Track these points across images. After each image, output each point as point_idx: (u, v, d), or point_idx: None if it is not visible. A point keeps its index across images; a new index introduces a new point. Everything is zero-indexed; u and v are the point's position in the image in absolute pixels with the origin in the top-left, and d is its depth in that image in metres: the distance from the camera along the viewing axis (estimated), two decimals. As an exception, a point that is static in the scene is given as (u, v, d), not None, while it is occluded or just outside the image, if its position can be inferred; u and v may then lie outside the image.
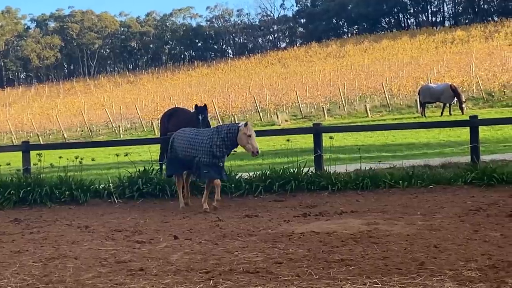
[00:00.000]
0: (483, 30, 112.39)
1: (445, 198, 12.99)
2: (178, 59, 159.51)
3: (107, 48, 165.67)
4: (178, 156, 13.65)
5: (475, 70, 58.68)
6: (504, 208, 11.41)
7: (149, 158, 18.02)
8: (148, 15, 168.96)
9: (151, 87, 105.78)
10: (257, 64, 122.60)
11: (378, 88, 56.42)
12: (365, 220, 10.86)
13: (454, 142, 23.66)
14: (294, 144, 19.30)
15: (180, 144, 13.61)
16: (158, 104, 68.42)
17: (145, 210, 13.82)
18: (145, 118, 60.08)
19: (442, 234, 9.45)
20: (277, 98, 60.36)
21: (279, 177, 15.07)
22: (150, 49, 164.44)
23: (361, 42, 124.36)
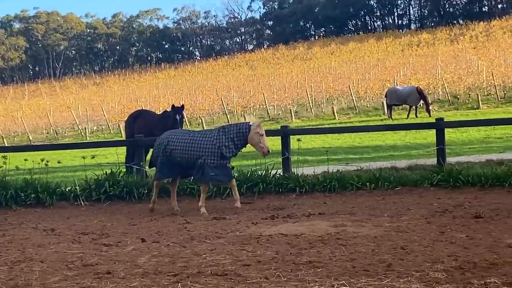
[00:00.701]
0: (449, 33, 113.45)
1: (412, 200, 13.08)
2: (145, 60, 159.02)
3: (73, 50, 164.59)
4: (173, 159, 13.16)
5: (440, 72, 59.18)
6: (469, 210, 11.51)
7: (116, 161, 17.91)
8: (114, 16, 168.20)
9: (118, 89, 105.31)
10: (224, 66, 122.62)
11: (345, 91, 56.68)
12: (333, 222, 10.89)
13: (420, 144, 23.83)
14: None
15: (178, 146, 13.09)
16: (124, 106, 68.15)
17: (112, 212, 13.75)
18: (112, 120, 59.78)
19: (409, 235, 9.51)
20: (244, 100, 60.43)
21: (247, 179, 15.07)
22: (116, 50, 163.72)
23: (328, 44, 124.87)
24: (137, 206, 14.38)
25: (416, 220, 10.83)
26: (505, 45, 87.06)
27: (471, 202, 12.39)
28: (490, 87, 51.00)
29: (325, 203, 13.41)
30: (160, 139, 13.55)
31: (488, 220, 10.51)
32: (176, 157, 13.10)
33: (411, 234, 9.63)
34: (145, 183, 15.47)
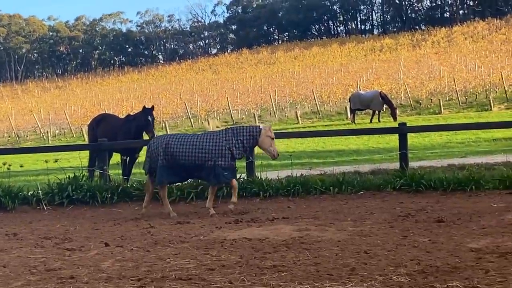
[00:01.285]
0: (411, 39, 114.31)
1: (375, 204, 13.17)
2: (108, 64, 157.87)
3: (35, 53, 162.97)
4: (176, 163, 12.97)
5: (403, 77, 59.66)
6: (432, 214, 11.61)
7: (79, 164, 17.78)
8: (77, 19, 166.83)
9: (80, 93, 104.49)
10: (188, 70, 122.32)
11: (309, 95, 56.85)
12: (297, 226, 10.93)
13: (383, 149, 24.00)
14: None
15: (182, 149, 12.93)
16: (87, 109, 67.62)
17: (75, 217, 13.66)
18: (74, 123, 59.30)
19: (372, 240, 9.57)
20: (208, 104, 60.35)
21: (210, 183, 15.05)
22: (79, 54, 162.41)
23: (292, 49, 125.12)
24: (100, 211, 14.30)
25: (379, 224, 10.91)
26: (466, 51, 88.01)
27: (433, 207, 12.51)
28: (452, 92, 51.52)
29: (289, 207, 13.46)
30: (155, 144, 13.29)
31: (450, 224, 10.62)
32: (180, 160, 12.93)
33: (374, 238, 9.70)
34: (108, 187, 15.39)
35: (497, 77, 53.17)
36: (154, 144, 13.30)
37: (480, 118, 37.83)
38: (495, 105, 45.71)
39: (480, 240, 9.20)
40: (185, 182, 15.10)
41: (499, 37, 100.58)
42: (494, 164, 17.66)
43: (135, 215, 13.28)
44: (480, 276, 7.27)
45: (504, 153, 19.23)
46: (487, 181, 14.31)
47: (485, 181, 14.29)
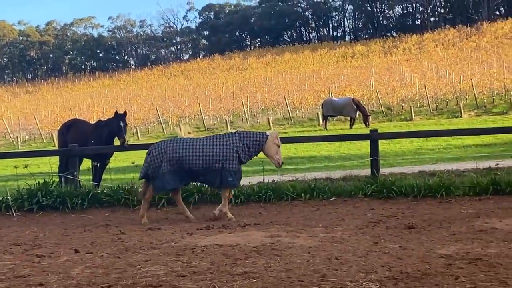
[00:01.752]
0: (382, 46, 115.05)
1: (346, 211, 13.20)
2: (79, 69, 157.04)
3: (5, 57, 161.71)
4: (182, 167, 12.79)
5: (374, 84, 60.00)
6: (402, 220, 11.65)
7: (49, 170, 17.66)
8: (48, 24, 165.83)
9: (51, 98, 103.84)
10: (160, 76, 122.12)
11: (281, 101, 56.96)
12: (268, 232, 10.91)
13: (354, 155, 24.09)
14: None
15: (189, 153, 12.77)
16: (58, 115, 67.19)
17: (45, 223, 13.54)
18: (45, 129, 58.91)
19: (343, 246, 9.58)
20: (180, 110, 60.26)
21: (182, 189, 14.99)
22: (50, 59, 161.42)
23: (264, 55, 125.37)
24: (70, 217, 14.19)
25: (350, 230, 10.92)
26: (437, 58, 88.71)
27: (404, 213, 12.57)
28: (423, 99, 51.88)
29: (261, 213, 13.44)
30: (157, 150, 12.98)
31: (420, 230, 10.66)
32: (186, 165, 12.78)
33: (345, 244, 9.71)
34: (78, 193, 15.28)
35: (467, 84, 53.63)
36: (156, 151, 12.99)
37: (451, 125, 38.11)
38: (465, 112, 46.10)
39: (450, 247, 9.24)
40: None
41: (469, 44, 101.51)
42: (464, 170, 17.80)
43: (106, 221, 13.19)
44: (450, 283, 7.30)
45: (474, 160, 19.41)
46: (457, 188, 14.40)
47: (455, 188, 14.38)
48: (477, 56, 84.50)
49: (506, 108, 46.49)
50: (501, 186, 14.19)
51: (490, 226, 10.67)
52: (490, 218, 11.48)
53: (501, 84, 53.81)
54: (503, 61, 70.51)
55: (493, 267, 8.00)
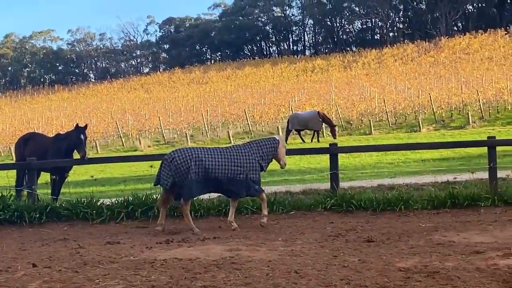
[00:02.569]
0: (342, 60, 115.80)
1: (306, 224, 13.23)
2: (38, 82, 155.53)
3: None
4: (209, 176, 12.84)
5: (334, 98, 60.25)
6: (362, 234, 11.72)
7: (6, 184, 17.46)
8: (6, 37, 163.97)
9: (9, 111, 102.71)
10: (119, 89, 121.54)
11: (241, 115, 56.99)
12: (228, 246, 10.90)
13: (314, 169, 24.16)
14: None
15: (215, 163, 12.85)
16: (16, 128, 66.43)
17: (2, 237, 13.37)
18: (3, 142, 58.17)
19: (303, 259, 9.60)
20: (139, 124, 59.99)
21: (142, 203, 14.94)
22: (8, 71, 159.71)
23: (224, 68, 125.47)
24: (28, 231, 14.04)
25: (310, 244, 10.95)
26: (396, 73, 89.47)
27: (363, 226, 12.63)
28: (382, 113, 52.26)
29: (220, 227, 13.42)
30: (180, 158, 12.85)
31: (379, 244, 10.73)
32: (213, 174, 12.84)
33: (305, 258, 9.73)
34: (36, 207, 15.12)
35: (426, 99, 54.14)
36: (180, 158, 12.86)
37: (410, 139, 38.41)
38: (424, 126, 46.51)
39: (408, 260, 9.31)
40: (116, 201, 15.09)
41: (427, 59, 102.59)
42: (423, 184, 17.96)
43: (64, 235, 13.07)
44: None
45: (433, 174, 19.57)
46: (415, 201, 14.52)
47: (413, 201, 14.50)
48: (436, 71, 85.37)
49: (464, 123, 46.99)
50: (459, 200, 14.34)
51: (448, 240, 10.78)
52: (448, 231, 11.59)
53: (459, 98, 54.41)
54: (461, 76, 71.34)
55: (450, 280, 8.09)
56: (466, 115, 48.02)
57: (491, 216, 13.03)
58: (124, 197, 15.55)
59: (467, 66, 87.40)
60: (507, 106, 51.97)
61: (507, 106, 51.96)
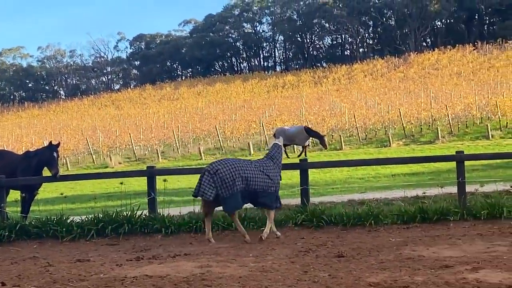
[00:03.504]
0: (313, 76, 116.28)
1: (277, 240, 13.24)
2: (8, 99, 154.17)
3: None
4: (249, 188, 13.23)
5: (305, 114, 60.43)
6: (332, 249, 11.75)
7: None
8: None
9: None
10: (90, 106, 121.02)
11: (212, 131, 56.98)
12: (198, 263, 10.89)
13: (285, 184, 24.13)
14: (127, 187, 19.12)
15: (254, 175, 13.27)
16: (-15, 145, 66.06)
17: (-30, 256, 13.27)
18: (-29, 160, 57.73)
19: (273, 275, 9.61)
20: (110, 140, 59.73)
21: (112, 220, 14.88)
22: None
23: (195, 85, 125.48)
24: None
25: (281, 259, 10.96)
26: (366, 88, 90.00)
27: (334, 242, 12.66)
28: (352, 129, 52.49)
29: (191, 243, 13.40)
30: (225, 170, 13.08)
31: (349, 259, 10.76)
32: (252, 186, 13.22)
33: (275, 273, 9.74)
34: (6, 225, 15.02)
35: (395, 114, 54.45)
36: (225, 170, 13.08)
37: (380, 154, 38.61)
38: (394, 141, 46.74)
39: (378, 275, 9.35)
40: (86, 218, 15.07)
41: (397, 75, 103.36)
42: (393, 199, 18.04)
43: (34, 253, 12.98)
44: (378, 310, 7.39)
45: (402, 188, 19.68)
46: (385, 216, 14.59)
47: (384, 216, 14.57)
48: (405, 86, 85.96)
49: (433, 137, 47.30)
50: (428, 214, 14.43)
51: (417, 254, 10.84)
52: (418, 246, 11.66)
53: (428, 113, 54.82)
54: (430, 91, 71.83)
55: (420, 294, 8.14)
56: (436, 130, 48.35)
57: (460, 230, 13.12)
58: (94, 214, 15.48)
59: (436, 81, 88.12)
60: (475, 121, 52.42)
61: (476, 121, 52.42)
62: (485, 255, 10.46)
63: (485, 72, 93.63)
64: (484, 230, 12.95)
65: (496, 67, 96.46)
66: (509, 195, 16.88)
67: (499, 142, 41.22)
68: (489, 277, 8.88)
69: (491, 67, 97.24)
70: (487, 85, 73.85)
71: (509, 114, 50.30)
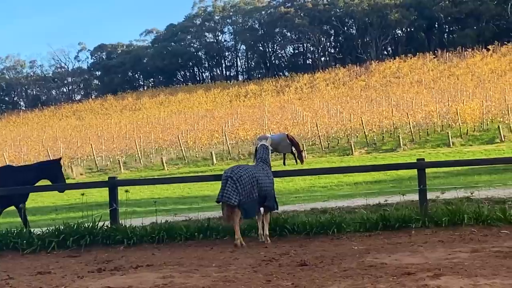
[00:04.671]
0: (275, 85, 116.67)
1: (240, 250, 13.20)
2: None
3: None
4: (261, 193, 13.64)
5: (267, 123, 60.56)
6: (295, 258, 11.74)
7: None
8: None
9: None
10: (51, 117, 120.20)
11: (174, 141, 56.90)
12: (161, 273, 10.82)
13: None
14: (89, 198, 18.98)
15: (263, 179, 13.72)
16: None
17: None
18: None
19: (236, 285, 9.59)
20: (71, 151, 59.36)
21: (73, 232, 14.73)
22: None
23: (157, 95, 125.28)
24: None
25: (243, 269, 10.93)
26: (328, 97, 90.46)
27: (297, 250, 12.65)
28: (315, 137, 52.70)
29: (154, 254, 13.30)
30: (247, 175, 13.50)
31: (312, 267, 10.76)
32: (263, 191, 13.65)
33: (238, 283, 9.72)
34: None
35: (357, 122, 54.79)
36: (246, 177, 13.47)
37: (342, 162, 38.82)
38: (356, 150, 47.02)
39: (341, 283, 9.37)
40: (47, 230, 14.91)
41: (359, 83, 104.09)
42: (355, 207, 18.10)
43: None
44: (341, 318, 7.39)
45: (365, 196, 19.75)
46: (348, 224, 14.61)
47: (346, 224, 14.58)
48: (367, 95, 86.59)
49: (395, 145, 47.68)
50: (390, 222, 14.48)
51: (379, 262, 10.87)
52: (380, 253, 11.70)
53: (390, 121, 55.26)
54: (392, 99, 72.47)
55: (382, 301, 8.16)
56: (397, 138, 48.74)
57: (422, 238, 13.18)
58: (56, 226, 15.32)
59: (398, 90, 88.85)
60: (436, 128, 52.94)
61: (437, 128, 52.94)
62: (446, 261, 10.52)
63: (446, 80, 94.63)
64: (445, 237, 13.03)
65: (456, 75, 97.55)
66: (469, 201, 17.03)
67: (459, 150, 41.67)
68: (450, 283, 8.94)
69: (451, 75, 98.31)
70: (447, 93, 74.63)
71: (470, 122, 50.88)
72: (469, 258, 10.70)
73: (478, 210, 14.44)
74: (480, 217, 14.22)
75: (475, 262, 10.32)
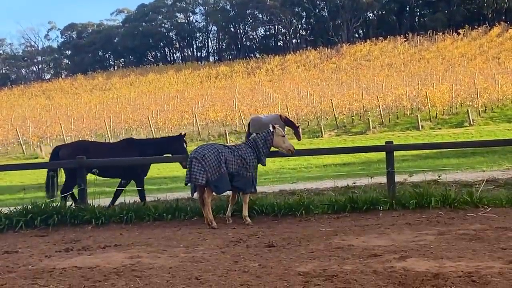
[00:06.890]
0: (246, 66, 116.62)
1: (208, 230, 13.21)
2: None
3: None
4: (228, 171, 13.63)
5: (238, 104, 60.52)
6: (263, 239, 11.78)
7: None
8: None
9: None
10: (20, 96, 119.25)
11: (144, 121, 56.75)
12: (129, 253, 10.82)
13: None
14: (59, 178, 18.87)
15: (231, 158, 13.69)
16: None
17: None
18: None
19: (204, 265, 9.61)
20: (41, 131, 59.00)
21: (41, 211, 14.66)
22: None
23: (128, 75, 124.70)
24: None
25: (211, 250, 10.96)
26: (298, 79, 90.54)
27: (265, 232, 12.69)
28: (285, 119, 52.70)
29: (122, 234, 13.28)
30: (211, 152, 13.57)
31: (280, 248, 10.81)
32: (231, 168, 13.63)
33: (205, 264, 9.74)
34: None
35: (327, 105, 54.95)
36: (211, 154, 13.54)
37: (312, 144, 38.93)
38: (326, 132, 47.21)
39: (308, 264, 9.42)
40: (15, 209, 14.81)
41: (329, 66, 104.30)
42: (324, 189, 18.21)
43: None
44: (307, 299, 7.44)
45: (333, 179, 19.86)
46: (316, 206, 14.67)
47: (314, 206, 14.65)
48: (337, 77, 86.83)
49: (365, 128, 47.92)
50: (358, 204, 14.57)
51: (347, 243, 10.94)
52: (347, 235, 11.77)
53: (360, 104, 55.48)
54: (362, 82, 72.68)
55: (348, 283, 8.23)
56: (367, 121, 49.00)
57: (389, 220, 13.28)
58: (23, 205, 15.24)
59: (368, 73, 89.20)
60: (406, 112, 53.23)
61: (406, 112, 53.23)
62: (412, 244, 10.62)
63: (416, 63, 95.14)
64: (412, 219, 13.14)
65: (427, 58, 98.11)
66: (437, 184, 17.20)
67: (428, 133, 41.98)
68: (416, 265, 9.02)
69: (421, 59, 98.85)
70: (417, 76, 75.04)
71: (439, 105, 51.23)
72: (435, 241, 10.81)
73: (446, 193, 14.57)
74: (447, 200, 14.36)
75: (441, 245, 10.42)
